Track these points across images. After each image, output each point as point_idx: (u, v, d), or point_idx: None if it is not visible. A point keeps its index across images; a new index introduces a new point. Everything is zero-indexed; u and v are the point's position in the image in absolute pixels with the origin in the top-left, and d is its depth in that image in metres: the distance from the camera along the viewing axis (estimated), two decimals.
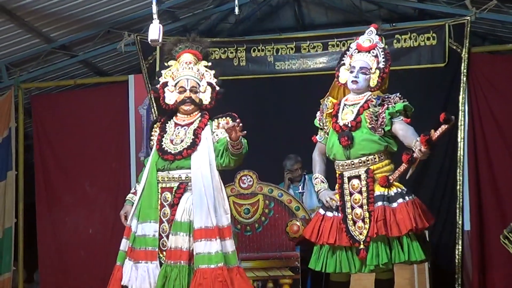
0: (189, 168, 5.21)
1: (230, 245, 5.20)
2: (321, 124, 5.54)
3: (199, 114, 5.39)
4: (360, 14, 9.85)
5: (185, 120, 5.37)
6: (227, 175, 8.05)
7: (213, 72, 5.49)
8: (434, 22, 9.02)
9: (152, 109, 8.98)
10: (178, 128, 5.34)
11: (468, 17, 8.66)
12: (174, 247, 5.12)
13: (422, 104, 8.09)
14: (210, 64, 5.53)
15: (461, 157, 8.61)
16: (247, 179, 7.41)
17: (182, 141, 5.27)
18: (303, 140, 8.32)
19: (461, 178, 8.60)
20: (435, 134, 4.86)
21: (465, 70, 8.67)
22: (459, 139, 8.63)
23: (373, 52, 5.38)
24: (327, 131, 5.46)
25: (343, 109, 5.39)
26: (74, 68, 10.01)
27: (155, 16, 5.95)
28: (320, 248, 5.35)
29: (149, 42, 6.01)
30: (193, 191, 5.18)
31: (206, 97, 5.38)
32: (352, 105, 5.36)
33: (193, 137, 5.26)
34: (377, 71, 5.32)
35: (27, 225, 9.62)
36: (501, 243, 6.92)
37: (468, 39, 8.66)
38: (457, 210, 8.56)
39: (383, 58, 5.35)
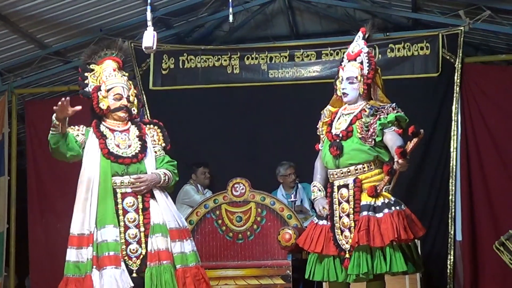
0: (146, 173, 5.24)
1: (194, 244, 5.31)
2: (319, 133, 5.54)
3: (130, 122, 5.37)
4: (354, 23, 9.85)
5: (120, 126, 5.32)
6: (219, 183, 8.09)
7: (131, 82, 5.45)
8: (427, 32, 9.05)
9: (146, 115, 8.95)
10: (117, 134, 5.29)
11: (462, 27, 8.69)
12: (160, 248, 5.09)
13: (415, 114, 8.10)
14: (128, 74, 5.49)
15: (454, 167, 8.63)
16: (240, 187, 7.41)
17: (129, 146, 5.25)
18: (296, 148, 8.40)
19: (453, 188, 8.62)
20: (409, 146, 4.85)
21: (458, 80, 8.71)
22: (452, 149, 8.66)
23: (358, 59, 5.38)
24: (323, 140, 5.47)
25: (338, 118, 5.39)
26: (68, 74, 10.01)
27: (149, 23, 5.96)
28: (311, 257, 5.36)
29: (143, 49, 6.01)
30: (156, 194, 5.21)
31: (134, 107, 5.39)
32: (348, 114, 5.36)
33: (140, 142, 5.26)
34: (362, 78, 5.33)
35: (19, 231, 9.60)
36: (494, 251, 6.93)
37: (461, 49, 8.70)
38: (449, 220, 8.58)
39: (367, 63, 5.35)
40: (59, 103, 4.95)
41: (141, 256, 5.11)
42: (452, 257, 8.52)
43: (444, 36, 8.75)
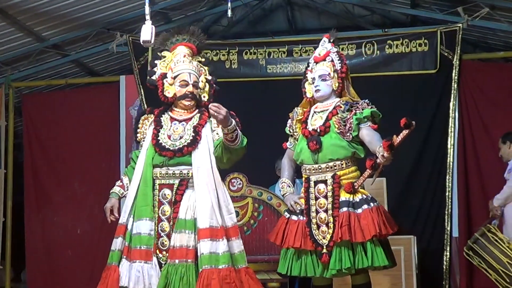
0: (190, 165, 5.03)
1: (237, 245, 5.05)
2: (291, 130, 5.61)
3: (197, 110, 5.20)
4: (353, 19, 9.87)
5: (183, 115, 5.17)
6: None
7: (207, 68, 5.33)
8: (426, 28, 9.06)
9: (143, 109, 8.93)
10: (175, 123, 5.14)
11: (460, 24, 8.70)
12: (179, 245, 4.94)
13: (412, 110, 8.13)
14: (203, 60, 5.38)
15: (451, 164, 8.65)
16: (237, 181, 7.41)
17: (181, 137, 5.07)
18: None
19: (450, 184, 8.64)
20: (397, 139, 4.89)
21: (456, 77, 8.72)
22: (449, 146, 8.67)
23: (328, 59, 5.50)
24: (297, 137, 5.52)
25: (312, 116, 5.46)
26: (65, 67, 10.01)
27: (147, 17, 5.96)
28: (286, 252, 5.38)
29: (141, 43, 6.01)
30: (196, 189, 5.01)
31: (204, 94, 5.22)
32: (322, 111, 5.44)
33: (193, 134, 5.06)
34: (335, 74, 5.40)
35: (15, 224, 9.60)
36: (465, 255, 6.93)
37: (459, 46, 8.71)
38: (446, 217, 8.60)
39: (338, 60, 5.47)
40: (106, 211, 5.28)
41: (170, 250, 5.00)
42: (448, 253, 8.54)
43: (442, 33, 8.76)
